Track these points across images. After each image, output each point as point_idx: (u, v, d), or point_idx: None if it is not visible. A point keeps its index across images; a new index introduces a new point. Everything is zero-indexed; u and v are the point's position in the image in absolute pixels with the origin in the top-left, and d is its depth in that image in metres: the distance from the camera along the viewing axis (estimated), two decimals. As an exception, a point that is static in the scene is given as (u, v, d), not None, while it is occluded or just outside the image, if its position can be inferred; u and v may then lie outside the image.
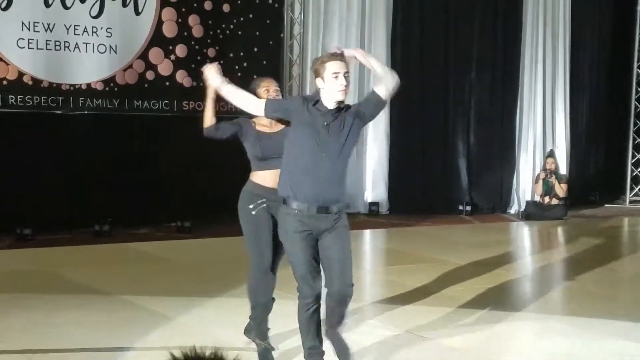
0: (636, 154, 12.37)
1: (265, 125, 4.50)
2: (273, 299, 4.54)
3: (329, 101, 4.01)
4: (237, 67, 9.28)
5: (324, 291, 4.11)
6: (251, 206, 4.43)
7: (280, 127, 4.39)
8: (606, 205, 11.95)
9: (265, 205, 4.41)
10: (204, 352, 1.97)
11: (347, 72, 3.99)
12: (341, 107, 4.03)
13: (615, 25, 12.38)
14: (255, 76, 5.23)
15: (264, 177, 4.45)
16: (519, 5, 11.28)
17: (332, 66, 3.98)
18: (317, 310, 4.07)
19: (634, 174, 12.38)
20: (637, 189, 12.36)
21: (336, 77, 3.96)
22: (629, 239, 10.39)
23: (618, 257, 8.38)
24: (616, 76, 12.43)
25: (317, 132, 3.97)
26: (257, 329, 4.54)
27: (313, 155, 3.97)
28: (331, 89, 3.98)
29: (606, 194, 12.14)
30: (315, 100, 4.06)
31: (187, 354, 1.94)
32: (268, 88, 4.59)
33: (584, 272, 7.39)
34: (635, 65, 12.31)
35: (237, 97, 4.24)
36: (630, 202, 12.28)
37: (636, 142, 12.38)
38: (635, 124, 12.36)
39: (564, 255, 8.62)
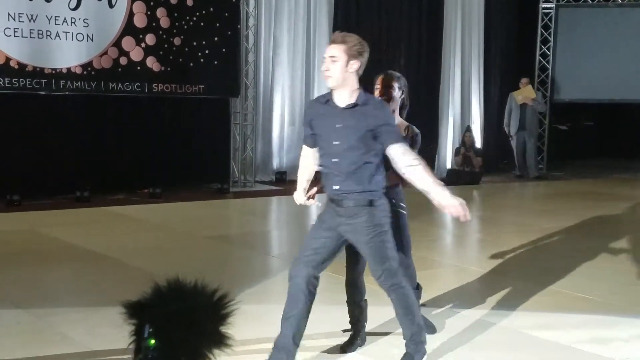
0: (536, 129, 12.73)
1: None
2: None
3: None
4: (199, 54, 9.23)
5: None
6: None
7: None
8: (512, 171, 12.28)
9: None
10: (186, 281, 1.99)
11: (332, 56, 3.37)
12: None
13: (522, 23, 12.65)
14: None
15: None
16: (440, 3, 11.44)
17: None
18: None
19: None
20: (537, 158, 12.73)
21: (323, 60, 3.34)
22: (532, 197, 10.72)
23: (524, 214, 8.66)
24: (521, 64, 12.72)
25: None
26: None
27: None
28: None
29: (513, 162, 12.48)
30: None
31: (170, 282, 1.96)
32: None
33: (496, 227, 7.66)
34: (538, 54, 12.62)
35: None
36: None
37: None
38: (536, 104, 12.70)
39: (479, 213, 8.87)
